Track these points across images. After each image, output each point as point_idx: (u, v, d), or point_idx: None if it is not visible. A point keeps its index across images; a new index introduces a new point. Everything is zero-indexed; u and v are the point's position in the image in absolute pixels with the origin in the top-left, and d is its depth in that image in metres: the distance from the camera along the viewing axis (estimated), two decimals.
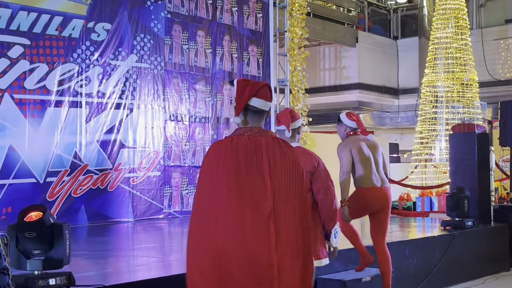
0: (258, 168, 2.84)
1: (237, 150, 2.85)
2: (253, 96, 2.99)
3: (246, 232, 2.76)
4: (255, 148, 2.87)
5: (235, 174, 2.81)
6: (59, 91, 8.22)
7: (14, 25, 7.79)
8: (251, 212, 2.79)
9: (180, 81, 9.81)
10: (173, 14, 9.74)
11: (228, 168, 2.81)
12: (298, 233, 2.86)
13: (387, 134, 18.73)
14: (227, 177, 2.80)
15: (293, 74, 11.67)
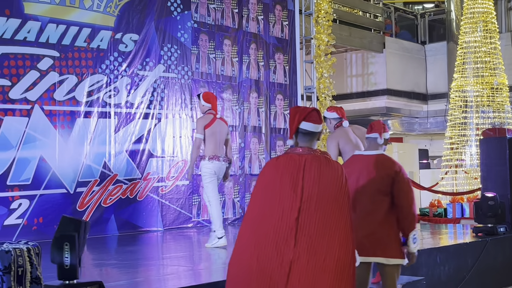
0: (292, 181, 3.25)
1: (277, 167, 3.34)
2: (302, 120, 3.46)
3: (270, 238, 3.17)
4: (294, 165, 3.30)
5: (271, 187, 3.29)
6: (88, 102, 8.33)
7: (43, 38, 7.92)
8: (277, 220, 3.19)
9: (207, 90, 9.86)
10: (199, 24, 9.81)
11: (267, 181, 3.32)
12: (325, 238, 3.14)
13: (416, 140, 18.57)
14: (264, 189, 3.31)
15: (320, 81, 11.64)
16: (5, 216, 7.43)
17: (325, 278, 3.09)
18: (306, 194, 3.21)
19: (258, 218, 3.26)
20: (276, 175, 3.32)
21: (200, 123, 6.94)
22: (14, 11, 7.66)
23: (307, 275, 3.09)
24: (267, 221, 3.21)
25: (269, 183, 3.32)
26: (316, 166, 3.29)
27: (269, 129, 10.86)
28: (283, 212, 3.19)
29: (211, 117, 6.96)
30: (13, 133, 7.58)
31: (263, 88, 10.81)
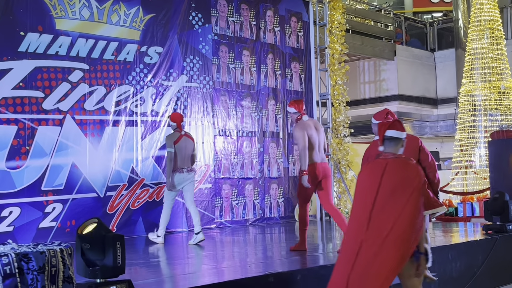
0: (372, 181, 3.83)
1: (367, 170, 3.97)
2: (387, 129, 3.98)
3: (354, 226, 3.83)
4: (377, 167, 3.87)
5: (360, 186, 3.92)
6: (116, 111, 8.39)
7: (74, 52, 8.00)
8: (359, 211, 3.84)
9: (227, 98, 9.88)
10: (219, 36, 9.84)
11: (359, 181, 3.97)
12: (389, 224, 3.69)
13: (427, 142, 18.39)
14: (357, 188, 3.95)
15: (334, 88, 11.61)
16: (40, 219, 7.50)
17: (385, 252, 3.65)
18: (381, 191, 3.76)
19: (352, 211, 3.93)
20: (364, 176, 3.96)
21: (169, 140, 7.49)
22: (47, 27, 7.75)
23: (371, 250, 3.66)
24: (354, 213, 3.89)
25: (360, 183, 3.96)
26: (395, 167, 3.83)
27: (287, 134, 10.85)
28: (364, 205, 3.80)
29: (178, 135, 7.49)
30: (47, 141, 7.66)
31: (280, 96, 10.81)
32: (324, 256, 6.47)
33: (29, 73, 7.56)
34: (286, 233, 9.26)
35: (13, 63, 7.43)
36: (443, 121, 17.36)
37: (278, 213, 10.54)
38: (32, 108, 7.56)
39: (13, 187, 7.33)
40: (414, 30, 18.59)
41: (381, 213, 3.73)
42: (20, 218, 7.34)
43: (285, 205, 10.67)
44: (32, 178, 7.50)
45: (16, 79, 7.45)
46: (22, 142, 7.44)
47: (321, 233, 9.33)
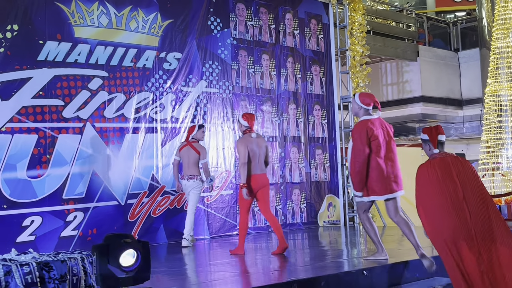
0: (448, 175, 4.78)
1: (434, 167, 4.85)
2: (438, 134, 5.03)
3: (450, 210, 4.65)
4: (446, 164, 4.83)
5: (437, 181, 4.79)
6: (136, 118, 8.45)
7: (93, 59, 8.08)
8: (452, 200, 4.68)
9: (247, 103, 9.89)
10: (238, 40, 9.86)
11: (429, 177, 4.82)
12: (483, 205, 4.65)
13: (453, 145, 18.23)
14: (431, 182, 4.82)
15: (356, 90, 11.54)
16: (61, 228, 7.57)
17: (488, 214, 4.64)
18: (461, 180, 4.72)
19: (433, 204, 4.73)
20: (435, 172, 4.80)
21: (177, 148, 8.33)
22: (65, 36, 7.84)
23: (479, 218, 4.60)
24: (441, 204, 4.68)
25: (431, 178, 4.80)
26: (458, 162, 4.84)
27: (308, 138, 10.82)
28: (451, 193, 4.67)
29: (184, 143, 8.18)
30: (67, 150, 7.74)
31: (301, 100, 10.79)
32: (349, 262, 6.43)
33: (48, 81, 7.65)
34: (310, 239, 9.22)
35: (33, 71, 7.52)
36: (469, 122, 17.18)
37: (301, 219, 10.50)
38: (52, 117, 7.64)
39: (34, 196, 7.41)
40: (437, 30, 18.43)
41: (473, 197, 4.67)
42: (41, 227, 7.41)
43: (308, 211, 10.63)
44: (53, 187, 7.57)
45: (36, 88, 7.53)
46: (42, 150, 7.52)
47: (345, 238, 9.27)
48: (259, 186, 6.89)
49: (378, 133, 5.86)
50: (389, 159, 5.87)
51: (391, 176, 5.85)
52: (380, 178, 5.80)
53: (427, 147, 5.11)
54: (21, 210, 7.27)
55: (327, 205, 10.94)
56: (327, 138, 11.19)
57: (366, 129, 5.80)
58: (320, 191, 10.92)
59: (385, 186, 5.82)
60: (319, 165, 11.00)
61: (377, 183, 5.80)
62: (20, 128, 7.37)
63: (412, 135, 16.54)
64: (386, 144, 5.91)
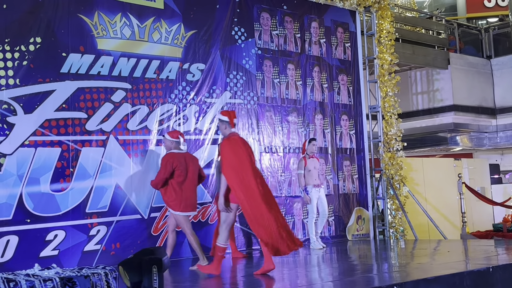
0: (248, 149, 6.61)
1: (238, 142, 6.48)
2: (234, 118, 6.75)
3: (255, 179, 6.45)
4: (243, 141, 6.49)
5: (245, 153, 6.47)
6: (159, 130, 8.51)
7: (116, 71, 8.18)
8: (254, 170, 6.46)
9: (273, 113, 9.91)
10: (263, 50, 9.90)
11: (239, 151, 6.44)
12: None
13: (486, 155, 17.99)
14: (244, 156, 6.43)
15: (384, 100, 11.49)
16: (84, 242, 7.64)
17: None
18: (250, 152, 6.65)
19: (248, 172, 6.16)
20: (240, 147, 6.34)
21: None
22: (88, 48, 7.95)
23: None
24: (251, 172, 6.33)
25: (238, 151, 6.41)
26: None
27: (335, 149, 10.79)
28: (252, 164, 6.43)
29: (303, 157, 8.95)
30: (90, 163, 7.82)
31: (327, 110, 10.77)
32: (379, 277, 6.37)
33: (71, 94, 7.76)
34: (338, 253, 9.16)
35: (56, 84, 7.64)
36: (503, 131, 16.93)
37: (329, 233, 10.45)
38: (75, 130, 7.74)
39: (57, 210, 7.49)
40: (468, 36, 18.26)
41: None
42: (65, 241, 7.49)
43: (336, 224, 10.58)
44: (77, 201, 7.65)
45: (59, 101, 7.65)
46: (66, 164, 7.62)
47: (375, 252, 9.20)
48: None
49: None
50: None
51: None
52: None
53: (224, 126, 6.63)
54: (44, 224, 7.36)
55: (356, 218, 10.88)
56: (355, 149, 11.13)
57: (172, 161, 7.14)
58: (348, 203, 10.86)
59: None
60: (347, 177, 10.95)
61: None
62: (44, 141, 7.47)
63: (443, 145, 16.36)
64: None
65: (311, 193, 9.21)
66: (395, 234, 11.06)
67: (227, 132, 6.66)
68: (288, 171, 10.00)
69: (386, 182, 11.28)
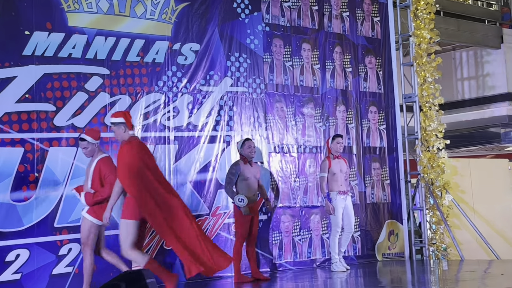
0: (149, 154, 7.00)
1: (140, 146, 6.88)
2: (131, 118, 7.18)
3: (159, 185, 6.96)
4: (143, 145, 6.94)
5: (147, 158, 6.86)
6: (144, 126, 8.53)
7: (90, 53, 8.18)
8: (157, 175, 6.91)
9: (284, 105, 9.90)
10: (272, 27, 9.89)
11: (143, 156, 6.91)
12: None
13: None
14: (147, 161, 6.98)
15: (422, 87, 11.46)
16: (53, 264, 7.65)
17: None
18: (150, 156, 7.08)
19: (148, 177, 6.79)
20: (142, 151, 6.89)
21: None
22: (57, 24, 7.96)
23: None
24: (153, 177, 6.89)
25: (141, 156, 6.90)
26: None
27: (362, 149, 10.77)
28: (155, 168, 6.97)
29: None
30: (60, 166, 7.83)
31: (352, 100, 10.75)
32: None
33: (36, 81, 7.77)
34: (366, 276, 9.16)
35: (17, 69, 7.65)
36: None
37: (354, 251, 10.43)
38: (41, 125, 7.75)
39: (20, 225, 7.49)
40: None
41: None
42: (29, 262, 7.49)
43: (363, 241, 10.56)
44: (43, 213, 7.65)
45: (21, 90, 7.65)
46: (30, 167, 7.63)
47: (411, 276, 9.19)
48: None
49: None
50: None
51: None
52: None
53: (121, 130, 6.84)
54: (3, 242, 7.36)
55: (387, 234, 10.86)
56: (386, 148, 11.11)
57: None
58: (378, 215, 10.84)
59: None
60: (377, 183, 10.92)
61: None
62: (2, 139, 7.48)
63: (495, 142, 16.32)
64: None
65: (336, 202, 9.17)
66: (436, 253, 11.03)
67: (126, 136, 6.86)
68: (303, 175, 9.99)
69: (424, 189, 11.24)
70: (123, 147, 6.80)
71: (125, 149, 6.75)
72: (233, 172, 8.58)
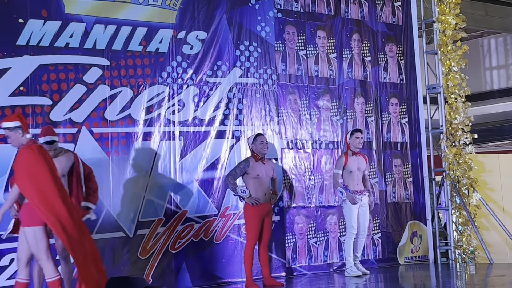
0: (48, 159, 6.68)
1: (40, 150, 6.61)
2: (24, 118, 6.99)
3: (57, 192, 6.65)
4: (43, 149, 6.68)
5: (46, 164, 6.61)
6: (147, 120, 8.53)
7: (89, 43, 8.19)
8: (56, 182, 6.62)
9: (297, 97, 9.89)
10: (284, 13, 9.87)
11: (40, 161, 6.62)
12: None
13: None
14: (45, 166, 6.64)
15: (447, 77, 11.41)
16: None
17: None
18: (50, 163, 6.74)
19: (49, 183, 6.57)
20: (41, 157, 6.56)
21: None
22: (53, 12, 7.97)
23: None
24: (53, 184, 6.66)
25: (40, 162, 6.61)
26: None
27: (382, 144, 10.74)
28: (55, 176, 6.68)
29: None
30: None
31: (371, 91, 10.72)
32: None
33: (31, 73, 7.78)
34: (386, 281, 9.15)
35: (11, 60, 7.66)
36: None
37: (374, 254, 10.41)
38: (36, 120, 7.77)
39: None
40: None
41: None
42: None
43: (383, 243, 10.54)
44: None
45: (15, 82, 7.67)
46: None
47: (436, 281, 9.17)
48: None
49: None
50: None
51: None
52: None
53: (18, 134, 6.59)
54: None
55: (410, 235, 10.84)
56: (409, 143, 11.07)
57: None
58: (400, 216, 10.82)
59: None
60: (398, 181, 10.89)
61: None
62: None
63: None
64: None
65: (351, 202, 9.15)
66: (463, 257, 11.00)
67: (24, 140, 6.68)
68: (318, 173, 9.97)
69: (450, 187, 11.20)
70: (22, 152, 6.64)
71: (25, 153, 6.58)
72: (240, 167, 8.57)
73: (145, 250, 8.36)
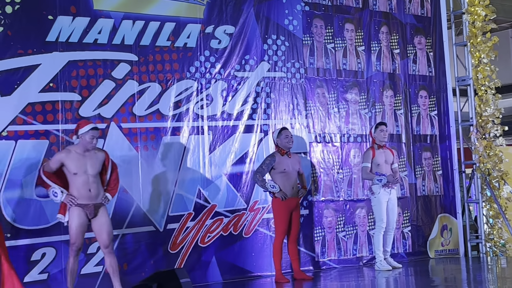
0: None
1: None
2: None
3: None
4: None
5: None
6: (175, 115, 8.57)
7: (117, 39, 8.25)
8: None
9: (326, 90, 9.88)
10: (312, 6, 9.87)
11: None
12: None
13: None
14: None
15: (477, 69, 11.33)
16: (81, 263, 7.70)
17: None
18: None
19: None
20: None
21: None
22: (81, 8, 8.02)
23: None
24: None
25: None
26: None
27: (411, 136, 10.70)
28: None
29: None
30: None
31: (400, 84, 10.69)
32: None
33: (61, 69, 7.84)
34: (417, 275, 9.12)
35: (41, 57, 7.72)
36: None
37: (404, 248, 10.39)
38: (66, 116, 7.84)
39: (45, 222, 7.58)
40: None
41: None
42: (56, 262, 7.59)
43: (413, 237, 10.51)
44: None
45: (45, 79, 7.74)
46: None
47: (466, 275, 9.13)
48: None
49: None
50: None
51: None
52: None
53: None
54: (28, 240, 7.47)
55: (440, 229, 10.80)
56: (438, 136, 11.03)
57: None
58: (430, 209, 10.78)
59: None
60: (428, 174, 10.85)
61: None
62: (26, 131, 7.58)
63: None
64: None
65: (379, 195, 9.16)
66: (494, 250, 10.94)
67: None
68: (347, 166, 9.97)
69: (480, 180, 11.14)
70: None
71: None
72: (267, 163, 8.60)
73: (175, 244, 8.42)
